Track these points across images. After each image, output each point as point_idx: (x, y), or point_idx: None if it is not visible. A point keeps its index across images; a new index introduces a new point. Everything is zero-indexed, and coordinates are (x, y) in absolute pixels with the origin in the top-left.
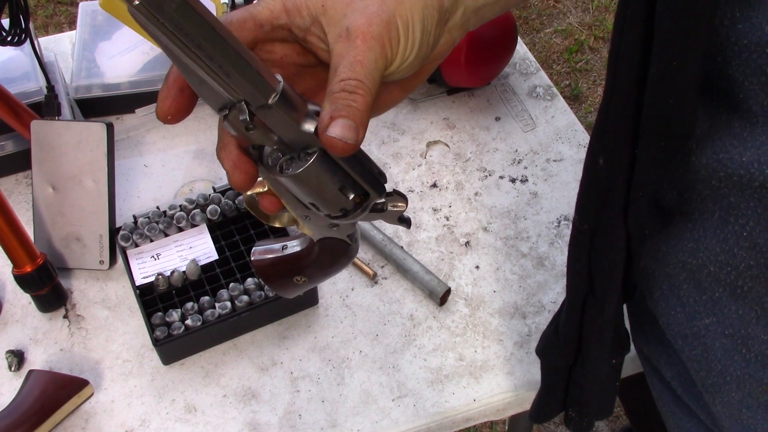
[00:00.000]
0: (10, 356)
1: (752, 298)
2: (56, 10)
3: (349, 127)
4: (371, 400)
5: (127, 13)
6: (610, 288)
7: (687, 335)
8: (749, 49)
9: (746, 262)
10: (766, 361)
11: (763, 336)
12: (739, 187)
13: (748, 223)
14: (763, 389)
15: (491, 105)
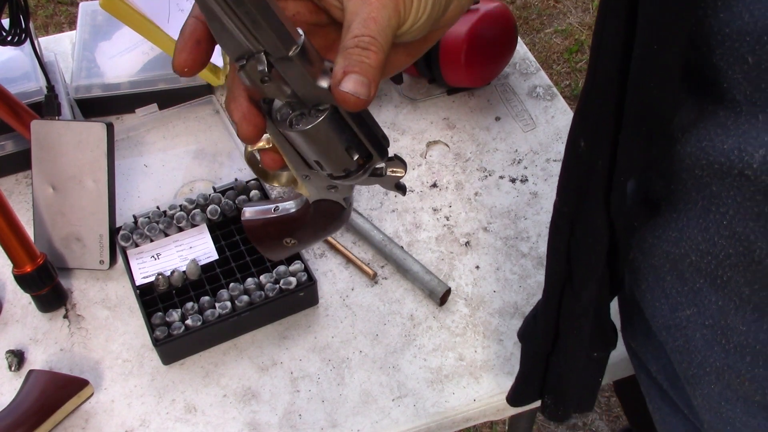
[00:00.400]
0: (10, 356)
1: (731, 289)
2: (56, 10)
3: (362, 83)
4: (371, 400)
5: (127, 13)
6: (588, 274)
7: (670, 326)
8: (731, 37)
9: (725, 251)
10: (744, 352)
11: (741, 327)
12: (720, 175)
13: (728, 212)
14: (740, 381)
15: (491, 105)
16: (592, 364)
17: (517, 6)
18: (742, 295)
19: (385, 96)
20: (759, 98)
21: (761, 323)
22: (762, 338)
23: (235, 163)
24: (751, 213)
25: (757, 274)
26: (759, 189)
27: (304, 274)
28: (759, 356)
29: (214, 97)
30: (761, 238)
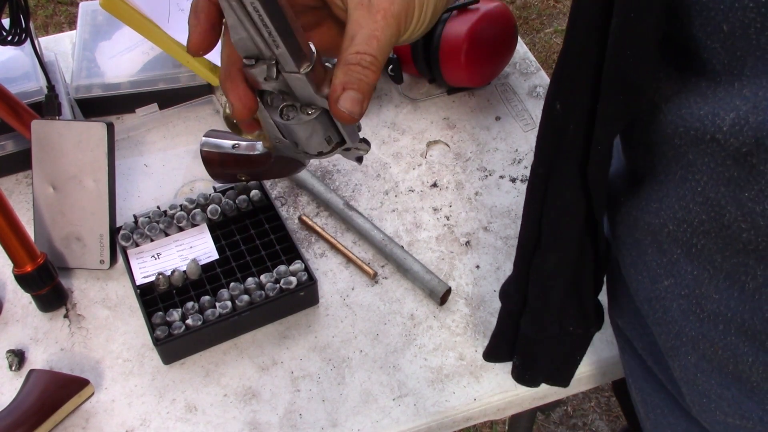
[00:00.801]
0: (11, 356)
1: (705, 257)
2: (56, 10)
3: (357, 101)
4: (372, 399)
5: (127, 13)
6: (557, 237)
7: (651, 299)
8: (708, 6)
9: (699, 217)
10: (717, 320)
11: (715, 295)
12: (696, 142)
13: (702, 178)
14: (714, 350)
15: (491, 105)
16: (567, 338)
17: (517, 6)
18: (715, 263)
19: (386, 96)
20: (735, 66)
21: (732, 291)
22: (733, 306)
23: None
24: (722, 178)
25: (727, 239)
26: (729, 153)
27: (304, 273)
28: (731, 324)
29: (214, 96)
30: (731, 202)
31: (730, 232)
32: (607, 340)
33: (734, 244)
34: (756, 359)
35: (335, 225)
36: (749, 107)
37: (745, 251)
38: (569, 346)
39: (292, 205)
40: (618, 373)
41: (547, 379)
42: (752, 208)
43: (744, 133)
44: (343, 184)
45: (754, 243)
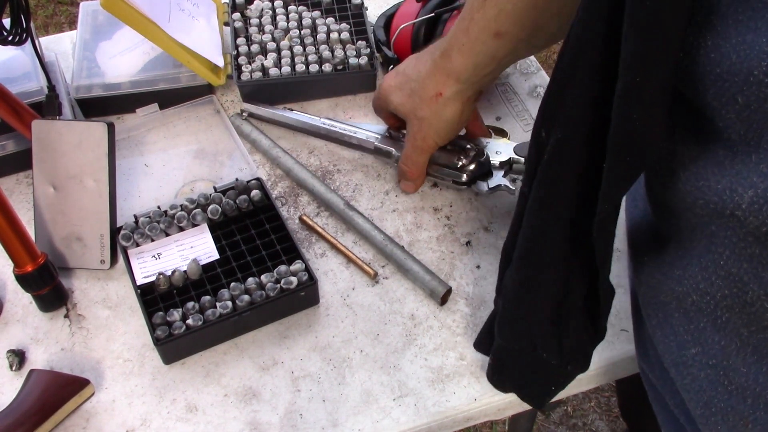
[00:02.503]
0: (11, 356)
1: (731, 329)
2: (56, 10)
3: (407, 186)
4: (372, 399)
5: (128, 13)
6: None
7: (678, 364)
8: (722, 77)
9: (722, 291)
10: (746, 393)
11: (743, 368)
12: (716, 215)
13: (724, 252)
14: (744, 423)
15: (492, 105)
16: (541, 364)
17: None
18: (742, 336)
19: None
20: (752, 138)
21: (760, 365)
22: (761, 381)
23: (235, 162)
24: (744, 254)
25: (752, 316)
26: (749, 231)
27: (305, 273)
28: (759, 399)
29: (214, 97)
30: (753, 280)
31: (754, 309)
32: (608, 340)
33: (759, 321)
34: None
35: (336, 225)
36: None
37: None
38: (543, 373)
39: (292, 205)
40: (619, 373)
41: (519, 392)
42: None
43: (763, 213)
44: (343, 184)
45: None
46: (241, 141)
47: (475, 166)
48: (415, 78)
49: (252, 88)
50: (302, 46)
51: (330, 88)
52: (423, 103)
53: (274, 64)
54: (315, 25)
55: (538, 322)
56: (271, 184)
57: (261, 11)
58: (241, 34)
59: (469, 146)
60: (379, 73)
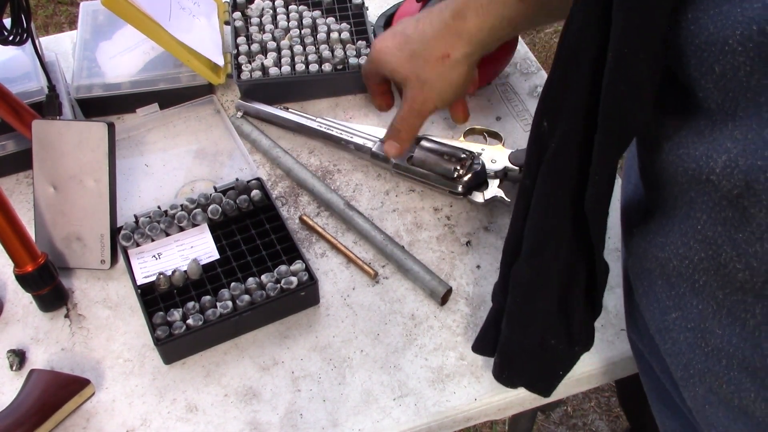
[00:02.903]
0: (12, 356)
1: (707, 293)
2: (56, 10)
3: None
4: (372, 399)
5: (128, 11)
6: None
7: (661, 329)
8: (701, 48)
9: (699, 254)
10: (721, 355)
11: (718, 330)
12: (695, 182)
13: (702, 216)
14: (719, 384)
15: (492, 105)
16: (550, 350)
17: None
18: (717, 299)
19: None
20: (728, 107)
21: (734, 327)
22: (735, 342)
23: (236, 162)
24: (719, 218)
25: (726, 278)
26: (723, 195)
27: (305, 273)
28: (733, 360)
29: (214, 96)
30: (727, 242)
31: (727, 271)
32: (608, 340)
33: (732, 282)
34: (758, 395)
35: (336, 225)
36: (740, 150)
37: (743, 290)
38: (551, 359)
39: (292, 205)
40: (619, 372)
41: (528, 385)
42: (746, 249)
43: (735, 176)
44: (343, 184)
45: (750, 282)
46: (241, 141)
47: (470, 176)
48: (418, 39)
49: (252, 88)
50: (302, 46)
51: (330, 87)
52: (427, 65)
53: (274, 64)
54: (315, 24)
55: (548, 312)
56: (271, 184)
57: (261, 10)
58: (242, 33)
59: (464, 155)
60: None
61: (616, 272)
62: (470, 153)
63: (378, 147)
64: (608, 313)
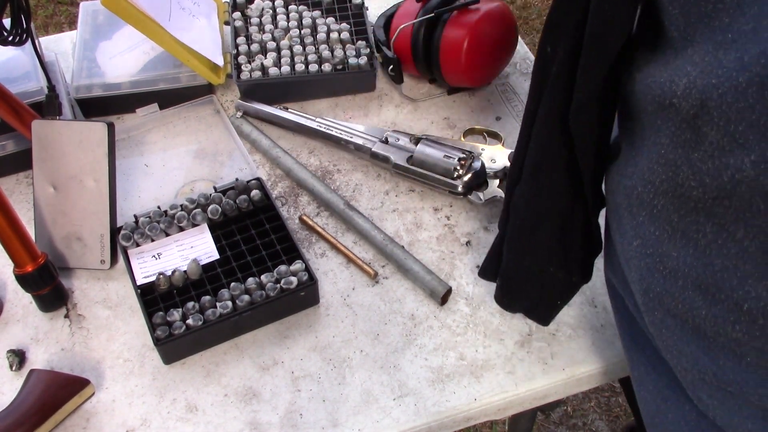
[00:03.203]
0: (11, 356)
1: (664, 218)
2: (56, 10)
3: None
4: (372, 399)
5: (128, 11)
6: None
7: (627, 259)
8: None
9: (660, 177)
10: (677, 276)
11: (673, 253)
12: (660, 108)
13: (665, 141)
14: (675, 304)
15: (492, 105)
16: (548, 278)
17: (517, 6)
18: (672, 222)
19: (386, 96)
20: (689, 33)
21: (688, 248)
22: (689, 262)
23: (235, 162)
24: (679, 140)
25: (681, 198)
26: (683, 118)
27: (305, 273)
28: (687, 279)
29: (214, 96)
30: (684, 162)
31: (683, 191)
32: (608, 340)
33: (687, 202)
34: (708, 312)
35: (336, 225)
36: (698, 72)
37: (696, 209)
38: (550, 286)
39: (292, 205)
40: (619, 372)
41: (527, 311)
42: (700, 167)
43: (692, 96)
44: (343, 184)
45: (702, 200)
46: (241, 141)
47: (470, 176)
48: None
49: (252, 88)
50: (302, 46)
51: (330, 88)
52: None
53: (274, 64)
54: (315, 24)
55: (547, 237)
56: (271, 184)
57: (261, 10)
58: (242, 34)
59: (464, 155)
60: (379, 73)
61: None
62: (470, 153)
63: (378, 147)
64: (608, 313)
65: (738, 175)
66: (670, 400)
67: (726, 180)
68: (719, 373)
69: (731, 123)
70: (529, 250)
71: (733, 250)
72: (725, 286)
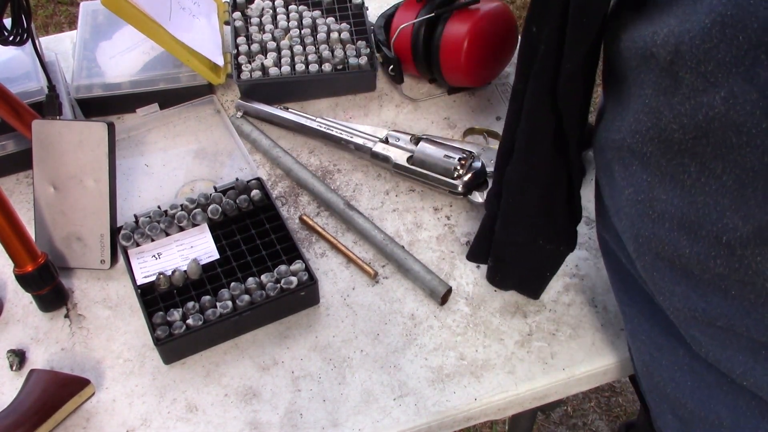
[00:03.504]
0: (12, 356)
1: (653, 163)
2: (56, 10)
3: None
4: (372, 399)
5: (128, 11)
6: (528, 150)
7: (619, 210)
8: None
9: (646, 125)
10: (664, 218)
11: (663, 196)
12: (644, 60)
13: (648, 91)
14: (662, 246)
15: (492, 104)
16: (537, 251)
17: (517, 6)
18: (661, 167)
19: (386, 96)
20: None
21: (675, 190)
22: (676, 203)
23: (236, 162)
24: (660, 88)
25: (666, 143)
26: (662, 67)
27: (305, 273)
28: (674, 220)
29: (214, 96)
30: (666, 107)
31: (667, 135)
32: (608, 340)
33: (672, 145)
34: (691, 250)
35: (336, 225)
36: (677, 22)
37: (680, 151)
38: (539, 260)
39: (292, 204)
40: (619, 372)
41: (518, 286)
42: (679, 110)
43: (670, 45)
44: (343, 184)
45: (684, 142)
46: (241, 141)
47: (470, 176)
48: None
49: (252, 88)
50: (302, 46)
51: (330, 87)
52: None
53: (274, 64)
54: (315, 24)
55: (536, 212)
56: (271, 184)
57: (261, 10)
58: (242, 33)
59: (464, 155)
60: (379, 73)
61: None
62: (470, 153)
63: (378, 146)
64: (608, 313)
65: (711, 113)
66: (664, 348)
67: (701, 119)
68: (708, 309)
69: (701, 64)
70: (521, 225)
71: (713, 186)
72: (706, 222)
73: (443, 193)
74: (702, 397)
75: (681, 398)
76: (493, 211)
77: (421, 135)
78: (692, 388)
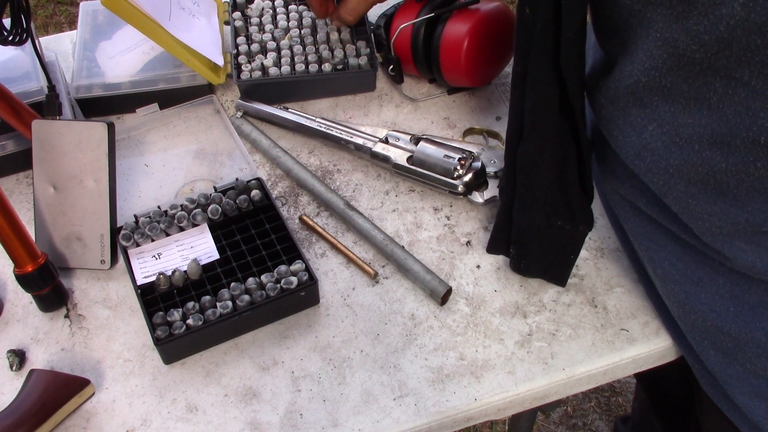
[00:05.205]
0: (12, 356)
1: (675, 92)
2: (56, 10)
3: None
4: (372, 399)
5: (128, 11)
6: (537, 126)
7: (639, 150)
8: None
9: (662, 57)
10: (693, 141)
11: (689, 120)
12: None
13: (659, 26)
14: (695, 169)
15: (492, 104)
16: (556, 233)
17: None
18: (684, 93)
19: (386, 96)
20: None
21: (702, 110)
22: (704, 122)
23: (236, 162)
24: (672, 16)
25: (687, 67)
26: None
27: (305, 273)
28: (704, 140)
29: (214, 96)
30: (681, 33)
31: (686, 59)
32: (608, 340)
33: (693, 68)
34: (728, 164)
35: (336, 225)
36: None
37: (702, 71)
38: (560, 242)
39: (292, 205)
40: (619, 373)
41: (543, 273)
42: (697, 29)
43: None
44: (343, 184)
45: (706, 60)
46: (241, 141)
47: (470, 176)
48: None
49: (252, 88)
50: (302, 46)
51: (330, 87)
52: None
53: (274, 64)
54: (315, 24)
55: (551, 192)
56: (271, 184)
57: (261, 10)
58: (242, 33)
59: (464, 155)
60: (379, 73)
61: (615, 272)
62: (470, 153)
63: (378, 146)
64: (608, 313)
65: (732, 21)
66: (702, 281)
67: (723, 30)
68: (750, 218)
69: None
70: (537, 205)
71: (743, 94)
72: (740, 130)
73: (443, 193)
74: (746, 319)
75: (724, 326)
76: (509, 199)
77: (421, 135)
78: (735, 314)
